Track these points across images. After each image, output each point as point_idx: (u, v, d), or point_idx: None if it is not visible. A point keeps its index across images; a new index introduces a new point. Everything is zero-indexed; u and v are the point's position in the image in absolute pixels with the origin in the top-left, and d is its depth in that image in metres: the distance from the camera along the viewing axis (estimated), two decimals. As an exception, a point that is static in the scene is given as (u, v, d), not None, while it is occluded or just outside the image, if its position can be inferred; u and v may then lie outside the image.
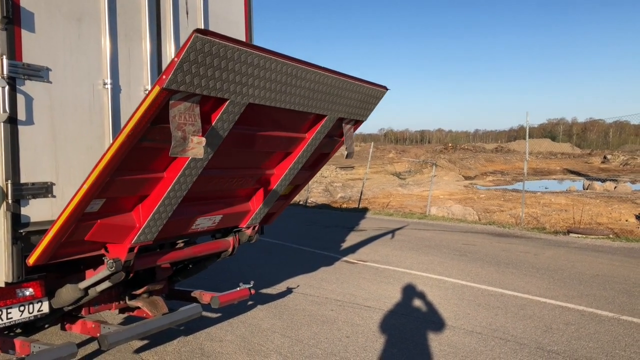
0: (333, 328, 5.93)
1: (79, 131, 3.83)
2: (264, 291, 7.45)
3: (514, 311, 6.57)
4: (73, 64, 3.78)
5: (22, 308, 3.85)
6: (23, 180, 3.50)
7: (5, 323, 3.76)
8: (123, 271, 3.81)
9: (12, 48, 3.40)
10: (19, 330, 4.36)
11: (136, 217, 3.68)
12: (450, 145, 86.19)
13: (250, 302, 6.81)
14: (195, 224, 4.30)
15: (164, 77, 2.68)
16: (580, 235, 12.98)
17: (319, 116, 4.13)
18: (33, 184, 3.55)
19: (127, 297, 4.84)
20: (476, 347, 5.34)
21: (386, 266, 9.28)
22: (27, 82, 3.49)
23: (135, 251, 3.75)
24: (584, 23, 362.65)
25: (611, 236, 12.85)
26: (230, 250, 4.91)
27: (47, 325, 4.58)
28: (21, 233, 3.51)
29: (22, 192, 3.49)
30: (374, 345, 5.42)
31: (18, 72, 3.43)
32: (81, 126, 3.84)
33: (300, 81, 3.50)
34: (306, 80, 3.55)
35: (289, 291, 7.51)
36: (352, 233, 13.38)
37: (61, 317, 4.54)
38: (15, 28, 3.41)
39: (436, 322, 6.13)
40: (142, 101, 2.81)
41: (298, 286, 7.80)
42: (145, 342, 5.38)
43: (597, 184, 34.19)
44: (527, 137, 16.73)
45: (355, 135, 4.86)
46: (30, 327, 4.40)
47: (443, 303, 6.94)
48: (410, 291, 7.57)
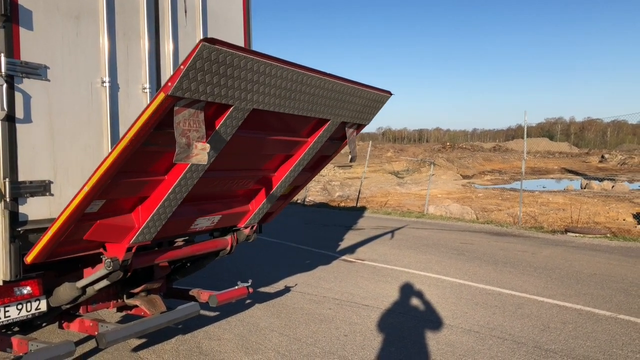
0: (331, 327, 5.94)
1: (77, 129, 3.83)
2: (262, 290, 7.45)
3: (512, 310, 6.58)
4: (71, 62, 3.77)
5: (20, 306, 3.85)
6: (21, 178, 3.49)
7: (3, 321, 3.76)
8: (120, 270, 3.81)
9: (10, 46, 3.40)
10: (17, 328, 4.36)
11: (135, 218, 3.67)
12: (448, 144, 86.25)
13: (248, 301, 6.81)
14: (194, 224, 4.30)
15: (169, 84, 2.67)
16: (577, 234, 13.00)
17: (322, 120, 4.12)
18: (31, 183, 3.55)
19: (125, 296, 4.84)
20: (474, 346, 5.35)
21: (384, 265, 9.29)
22: (25, 80, 3.49)
23: (133, 251, 3.74)
24: (582, 22, 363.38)
25: (609, 235, 12.88)
26: (228, 249, 4.92)
27: (45, 323, 4.58)
28: (19, 231, 3.50)
29: (20, 191, 3.49)
30: (372, 343, 5.43)
31: (16, 70, 3.43)
32: (79, 124, 3.84)
33: (304, 87, 3.50)
34: (310, 86, 3.55)
35: (287, 290, 7.52)
36: (350, 232, 13.39)
37: (59, 316, 4.54)
38: (13, 26, 3.41)
39: (434, 321, 6.14)
40: (147, 107, 2.80)
41: (296, 285, 7.80)
42: (143, 341, 5.38)
43: (595, 183, 34.24)
44: (525, 136, 16.74)
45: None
46: (28, 326, 4.40)
47: (441, 302, 6.95)
48: (408, 290, 7.58)
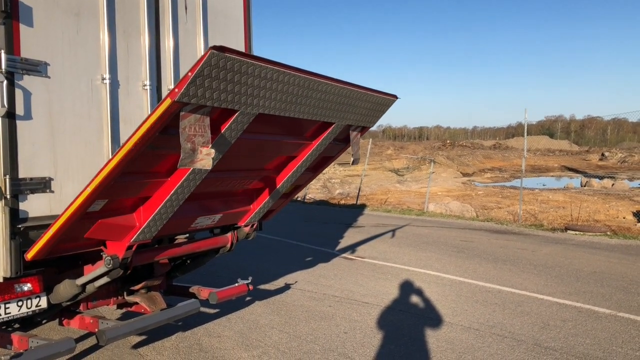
0: (331, 324, 5.94)
1: (78, 126, 3.82)
2: (262, 287, 7.46)
3: (512, 308, 6.59)
4: (71, 59, 3.77)
5: (21, 303, 3.85)
6: (21, 175, 3.49)
7: (3, 318, 3.76)
8: (120, 268, 3.81)
9: (11, 42, 3.39)
10: (17, 325, 4.36)
11: (137, 217, 3.67)
12: (448, 142, 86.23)
13: (248, 298, 6.82)
14: (195, 223, 4.30)
15: (176, 90, 2.67)
16: (577, 232, 13.01)
17: (327, 123, 4.11)
18: (31, 179, 3.54)
19: (126, 293, 4.84)
20: (473, 344, 5.36)
21: (384, 262, 9.29)
22: (26, 77, 3.48)
23: (133, 249, 3.75)
24: (583, 20, 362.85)
25: (608, 233, 12.88)
26: (228, 246, 4.92)
27: (45, 320, 4.58)
28: (19, 228, 3.50)
29: (21, 187, 3.48)
30: (372, 341, 5.43)
31: (16, 67, 3.42)
32: (79, 121, 3.83)
33: (310, 92, 3.50)
34: (317, 91, 3.55)
35: (287, 287, 7.52)
36: (350, 229, 13.39)
37: (59, 313, 4.54)
38: (13, 22, 3.40)
39: (434, 319, 6.15)
40: (153, 112, 2.80)
41: (296, 282, 7.81)
42: (143, 338, 5.39)
43: (595, 181, 34.26)
44: (526, 134, 16.74)
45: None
46: (28, 322, 4.39)
47: (440, 299, 6.95)
48: (408, 287, 7.58)
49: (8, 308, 3.78)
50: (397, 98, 4.57)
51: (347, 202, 21.65)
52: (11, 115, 3.41)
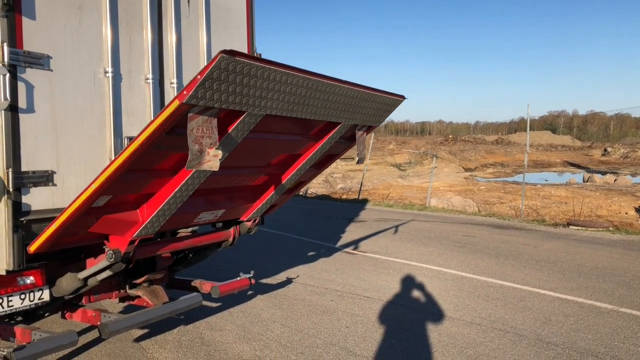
0: (333, 318, 5.95)
1: (80, 120, 3.82)
2: (264, 281, 7.47)
3: (513, 303, 6.59)
4: (74, 52, 3.76)
5: (23, 296, 3.86)
6: (24, 168, 3.49)
7: (6, 311, 3.77)
8: (122, 262, 3.81)
9: (13, 35, 3.38)
10: (20, 318, 4.38)
11: (140, 213, 3.67)
12: (450, 136, 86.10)
13: (250, 292, 6.83)
14: (197, 218, 4.31)
15: (185, 93, 2.66)
16: (579, 227, 12.99)
17: (333, 123, 4.10)
18: (34, 172, 3.55)
19: (128, 286, 4.85)
20: (475, 338, 5.36)
21: (386, 257, 9.30)
22: (28, 70, 3.48)
23: (136, 243, 3.75)
24: (586, 14, 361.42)
25: (611, 229, 12.87)
26: (230, 240, 4.92)
27: (48, 313, 4.60)
28: (22, 221, 3.50)
29: (23, 181, 3.48)
30: (374, 335, 5.44)
31: (19, 60, 3.41)
32: (82, 115, 3.83)
33: (318, 93, 3.49)
34: (324, 92, 3.53)
35: (289, 281, 7.53)
36: (352, 224, 13.40)
37: (62, 306, 4.56)
38: (16, 15, 3.39)
39: (435, 313, 6.15)
40: (160, 112, 2.80)
41: (298, 276, 7.82)
42: (145, 331, 5.40)
43: (597, 177, 34.21)
44: (528, 129, 16.70)
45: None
46: (31, 315, 4.41)
47: (442, 294, 6.95)
48: (409, 282, 7.59)
49: (11, 301, 3.79)
50: (405, 98, 4.54)
51: (349, 197, 21.65)
52: (14, 108, 3.41)
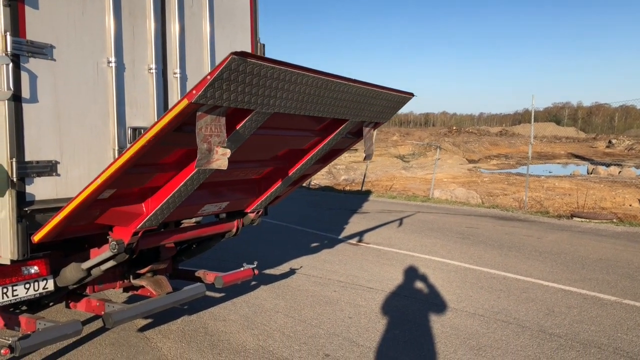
0: (336, 309, 5.97)
1: (83, 110, 3.82)
2: (268, 272, 7.49)
3: (517, 294, 6.59)
4: (77, 42, 3.75)
5: (28, 285, 3.88)
6: (27, 158, 3.49)
7: (11, 300, 3.79)
8: (126, 253, 3.82)
9: (16, 25, 3.37)
10: (25, 307, 4.40)
11: (145, 206, 3.67)
12: (454, 128, 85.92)
13: (253, 283, 6.85)
14: (202, 209, 4.31)
15: (194, 92, 2.65)
16: (583, 219, 12.97)
17: (340, 120, 4.09)
18: (37, 162, 3.55)
19: (132, 276, 4.86)
20: (478, 330, 5.37)
21: (389, 248, 9.30)
22: (31, 60, 3.47)
23: (139, 235, 3.75)
24: (591, 5, 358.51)
25: (615, 220, 12.84)
26: (234, 231, 4.93)
27: (52, 303, 4.62)
28: (26, 211, 3.51)
29: (27, 171, 3.49)
30: (377, 326, 5.45)
31: (22, 50, 3.41)
32: (85, 105, 3.83)
33: (326, 91, 3.47)
34: (334, 91, 3.52)
35: (292, 272, 7.55)
36: (355, 215, 13.40)
37: (66, 295, 4.58)
38: (18, 4, 3.38)
39: (438, 304, 6.16)
40: (168, 111, 2.80)
41: (301, 267, 7.83)
42: (149, 321, 5.43)
43: (602, 169, 34.15)
44: (532, 121, 16.65)
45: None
46: (35, 305, 4.43)
47: (445, 285, 6.96)
48: (412, 273, 7.60)
49: (15, 290, 3.81)
50: (414, 95, 4.52)
51: (352, 188, 21.65)
52: (17, 98, 3.41)
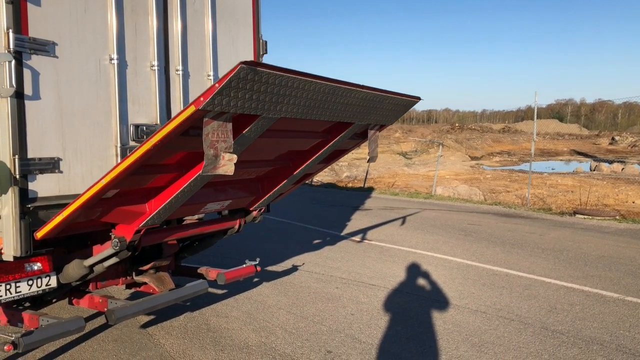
0: (338, 305, 5.97)
1: (86, 106, 3.82)
2: (270, 268, 7.50)
3: (519, 291, 6.59)
4: (79, 39, 3.75)
5: (31, 282, 3.89)
6: (30, 155, 3.50)
7: (14, 296, 3.80)
8: (128, 250, 3.83)
9: (18, 22, 3.37)
10: (28, 304, 4.42)
11: (149, 205, 3.67)
12: (457, 125, 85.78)
13: (255, 279, 6.86)
14: (204, 207, 4.32)
15: (202, 99, 2.65)
16: (586, 216, 12.95)
17: (346, 123, 4.09)
18: (40, 159, 3.55)
19: (134, 273, 4.88)
20: (480, 326, 5.37)
21: (391, 245, 9.30)
22: (34, 57, 3.47)
23: (142, 233, 3.76)
24: (594, 1, 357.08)
25: (617, 218, 12.82)
26: (236, 228, 4.93)
27: (55, 299, 4.63)
28: (29, 208, 3.52)
29: (30, 168, 3.49)
30: (379, 322, 5.46)
31: (24, 47, 3.41)
32: (87, 101, 3.83)
33: (334, 97, 3.46)
34: (341, 96, 3.52)
35: (295, 269, 7.56)
36: (358, 212, 13.40)
37: (69, 292, 4.59)
38: (21, 2, 3.38)
39: (441, 301, 6.16)
40: (175, 116, 2.80)
41: (303, 264, 7.84)
42: (151, 318, 5.44)
43: (605, 166, 34.07)
44: (535, 118, 16.61)
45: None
46: (38, 301, 4.45)
47: (448, 282, 6.96)
48: (415, 270, 7.60)
49: (19, 287, 3.82)
50: (420, 99, 4.51)
51: (355, 185, 21.65)
52: (19, 95, 3.41)
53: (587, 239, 10.04)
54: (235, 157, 2.97)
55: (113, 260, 3.98)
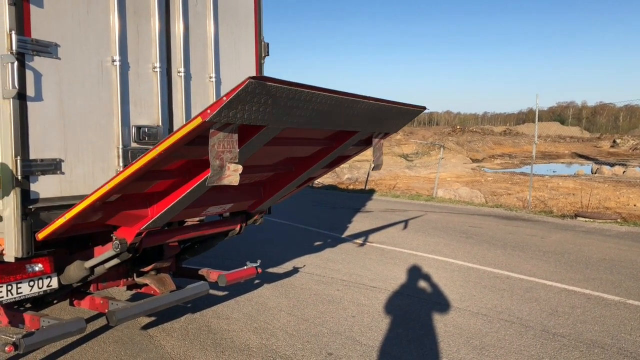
0: (339, 307, 5.97)
1: (88, 108, 3.83)
2: (271, 270, 7.50)
3: (520, 294, 6.58)
4: (82, 41, 3.76)
5: (32, 283, 3.89)
6: (32, 156, 3.51)
7: (15, 297, 3.81)
8: (129, 252, 3.83)
9: (21, 23, 3.38)
10: (29, 305, 4.42)
11: (151, 209, 3.68)
12: (458, 127, 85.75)
13: (256, 281, 6.85)
14: (206, 211, 4.32)
15: (208, 112, 2.65)
16: (587, 219, 12.93)
17: (351, 131, 4.09)
18: (42, 161, 3.56)
19: (135, 274, 4.88)
20: (481, 329, 5.36)
21: (392, 247, 9.30)
22: (36, 58, 3.48)
23: (143, 235, 3.77)
24: (596, 3, 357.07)
25: (619, 220, 12.80)
26: (237, 230, 4.93)
27: (56, 300, 4.64)
28: (30, 209, 3.52)
29: (31, 169, 3.50)
30: (380, 325, 5.45)
31: (27, 48, 3.42)
32: (90, 103, 3.84)
33: (340, 108, 3.47)
34: (347, 107, 3.52)
35: (296, 270, 7.56)
36: (359, 214, 13.40)
37: (70, 293, 4.59)
38: (24, 3, 3.39)
39: (442, 304, 6.16)
40: (181, 127, 2.81)
41: (304, 266, 7.84)
42: (152, 319, 5.44)
43: (606, 168, 34.04)
44: (537, 120, 16.61)
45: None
46: (39, 302, 4.45)
47: (449, 285, 6.96)
48: (416, 272, 7.59)
49: (20, 288, 3.82)
50: (425, 109, 4.52)
51: (356, 187, 21.65)
52: (22, 96, 3.42)
53: (589, 242, 10.03)
54: (240, 168, 2.98)
55: (114, 261, 3.98)
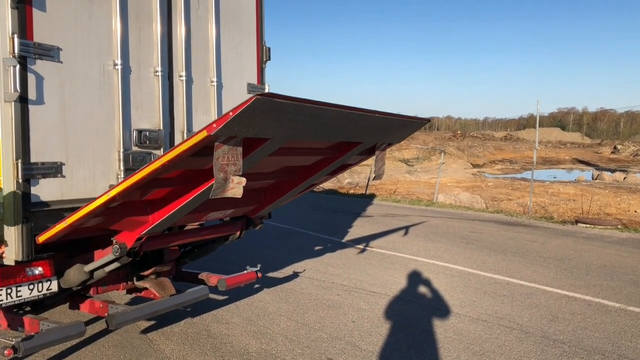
0: (339, 312, 5.96)
1: (89, 112, 3.84)
2: (271, 275, 7.49)
3: (520, 300, 6.57)
4: (84, 44, 3.77)
5: (32, 286, 3.89)
6: (33, 159, 3.51)
7: (15, 301, 3.80)
8: (128, 256, 3.83)
9: (23, 27, 3.40)
10: (28, 308, 4.41)
11: (152, 215, 3.68)
12: (459, 132, 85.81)
13: (256, 286, 6.84)
14: (206, 216, 4.32)
15: (214, 126, 2.65)
16: (588, 225, 12.92)
17: (355, 142, 4.09)
18: (43, 164, 3.57)
19: (135, 278, 4.87)
20: (481, 335, 5.35)
21: (392, 252, 9.29)
22: (38, 62, 3.49)
23: (143, 240, 3.76)
24: (597, 9, 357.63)
25: (619, 227, 12.79)
26: (237, 234, 4.93)
27: (56, 304, 4.63)
28: (31, 212, 3.53)
29: (32, 172, 3.51)
30: (380, 330, 5.44)
31: (29, 52, 3.43)
32: (91, 107, 3.85)
33: (346, 122, 3.48)
34: (353, 120, 3.53)
35: (296, 275, 7.55)
36: (359, 219, 13.39)
37: (70, 296, 4.59)
38: (26, 7, 3.41)
39: (442, 309, 6.14)
40: (186, 140, 2.82)
41: (304, 270, 7.83)
42: (152, 323, 5.43)
43: (607, 174, 34.05)
44: (537, 126, 16.63)
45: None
46: (39, 306, 4.45)
47: (449, 290, 6.94)
48: (416, 278, 7.58)
49: (19, 291, 3.82)
50: (429, 121, 4.54)
51: (356, 192, 21.64)
52: (23, 99, 3.43)
53: (589, 248, 10.01)
54: (244, 181, 2.98)
55: (114, 265, 3.98)
